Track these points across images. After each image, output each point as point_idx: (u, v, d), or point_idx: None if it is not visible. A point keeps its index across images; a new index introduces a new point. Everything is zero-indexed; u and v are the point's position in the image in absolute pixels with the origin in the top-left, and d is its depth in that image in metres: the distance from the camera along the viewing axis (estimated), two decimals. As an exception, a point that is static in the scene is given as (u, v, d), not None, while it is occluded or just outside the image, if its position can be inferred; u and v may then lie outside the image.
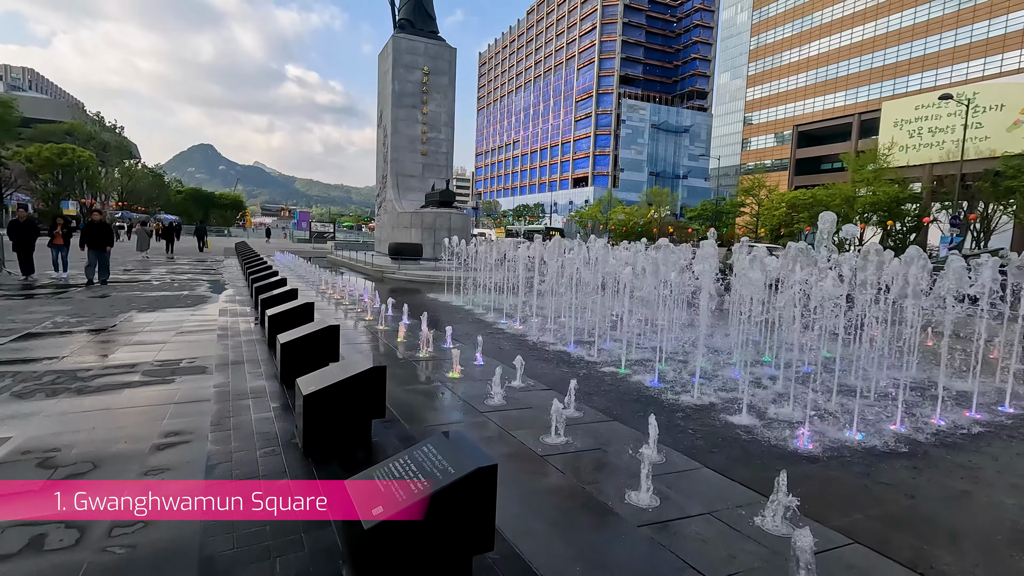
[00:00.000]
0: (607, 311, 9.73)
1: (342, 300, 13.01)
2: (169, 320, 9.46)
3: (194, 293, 13.34)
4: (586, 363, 8.07)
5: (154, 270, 19.67)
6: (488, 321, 11.60)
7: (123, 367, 6.26)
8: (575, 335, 9.72)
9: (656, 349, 8.03)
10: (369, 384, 4.22)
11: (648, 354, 8.57)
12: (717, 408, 6.08)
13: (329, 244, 51.83)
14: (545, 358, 8.45)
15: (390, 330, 9.32)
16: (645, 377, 7.18)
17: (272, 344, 7.48)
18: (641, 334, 9.50)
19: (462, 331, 9.82)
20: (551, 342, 9.45)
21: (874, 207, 43.90)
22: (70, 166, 62.94)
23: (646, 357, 8.40)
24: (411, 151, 26.87)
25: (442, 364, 7.04)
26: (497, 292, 14.28)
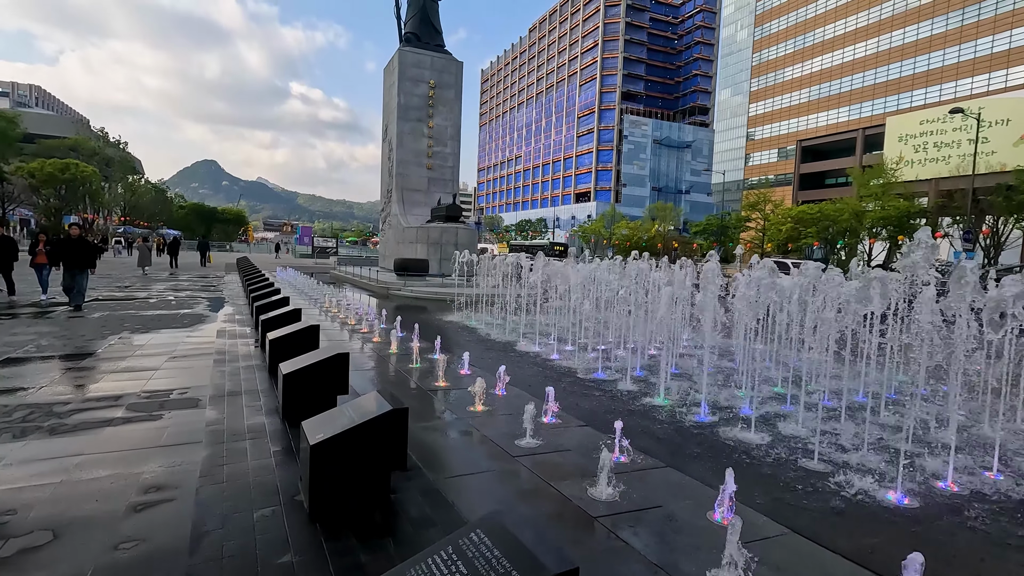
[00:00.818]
0: (635, 333, 9.06)
1: (347, 320, 12.36)
2: (163, 343, 8.80)
3: (192, 312, 12.70)
4: (619, 393, 7.38)
5: (153, 286, 19.07)
6: (505, 344, 10.91)
7: (106, 399, 5.59)
8: (603, 360, 9.05)
9: (695, 375, 7.35)
10: (388, 430, 3.56)
11: (688, 381, 7.89)
12: (779, 448, 5.38)
13: (332, 259, 51.33)
14: (575, 387, 7.77)
15: (401, 354, 8.65)
16: (689, 408, 6.48)
17: (274, 372, 6.82)
18: (685, 359, 8.81)
19: (478, 356, 9.16)
20: (578, 368, 8.77)
21: (884, 222, 43.32)
22: (73, 181, 62.78)
23: (686, 385, 7.71)
24: (417, 165, 26.43)
25: (461, 396, 6.36)
26: (511, 311, 13.62)
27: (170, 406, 5.45)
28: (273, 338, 6.94)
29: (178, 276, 24.68)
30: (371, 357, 8.61)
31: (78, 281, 12.30)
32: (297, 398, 5.18)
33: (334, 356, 5.35)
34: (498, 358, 9.47)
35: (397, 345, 8.99)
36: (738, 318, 7.36)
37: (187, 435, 4.63)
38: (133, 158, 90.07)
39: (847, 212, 46.75)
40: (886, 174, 48.34)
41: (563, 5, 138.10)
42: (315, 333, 7.17)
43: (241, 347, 8.70)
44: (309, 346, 7.11)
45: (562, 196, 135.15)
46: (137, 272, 26.32)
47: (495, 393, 6.37)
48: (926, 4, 65.93)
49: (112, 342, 8.68)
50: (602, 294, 10.34)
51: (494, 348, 10.42)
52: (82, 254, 12.43)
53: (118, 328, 10.04)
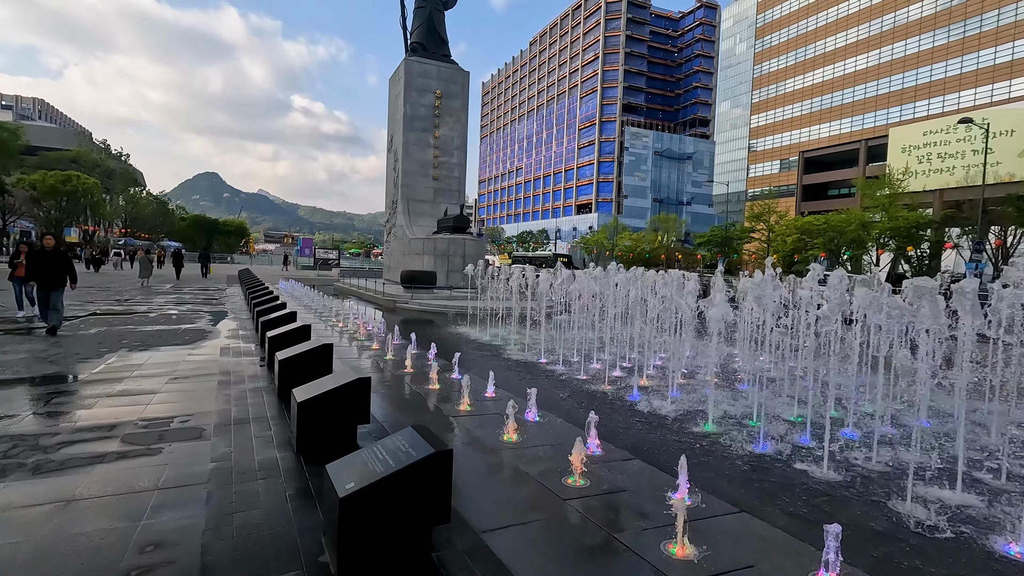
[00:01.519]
0: (671, 349, 8.49)
1: (355, 334, 11.80)
2: (163, 361, 8.24)
3: (194, 327, 12.15)
4: (660, 418, 6.81)
5: (153, 299, 18.53)
6: (527, 363, 10.30)
7: (99, 429, 5.02)
8: (636, 380, 8.48)
9: (745, 400, 6.78)
10: (430, 477, 3.00)
11: (736, 406, 7.30)
12: (860, 486, 4.80)
13: (334, 271, 50.82)
14: (609, 412, 7.19)
15: (417, 373, 8.08)
16: (742, 436, 5.90)
17: (283, 396, 6.26)
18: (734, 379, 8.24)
19: (501, 375, 8.57)
20: (609, 390, 8.18)
21: (892, 233, 42.88)
22: (74, 193, 62.57)
23: (735, 410, 7.14)
24: (422, 175, 26.02)
25: (490, 423, 5.79)
26: (528, 326, 13.06)
27: (171, 437, 4.88)
28: (283, 359, 6.39)
29: (179, 288, 24.15)
30: (385, 377, 8.03)
31: (53, 299, 10.45)
32: (313, 429, 4.62)
33: (354, 382, 4.79)
34: (523, 378, 8.91)
35: (412, 363, 8.43)
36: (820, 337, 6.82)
37: (190, 474, 4.06)
38: (135, 170, 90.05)
39: (854, 223, 46.35)
40: (892, 185, 48.01)
41: (564, 19, 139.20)
42: (328, 353, 6.62)
43: (247, 366, 8.14)
44: (321, 367, 6.56)
45: (563, 207, 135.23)
46: (138, 284, 25.79)
47: (527, 419, 5.80)
48: (927, 17, 66.19)
49: (108, 361, 8.12)
50: (632, 307, 9.78)
51: (516, 367, 9.84)
52: (58, 268, 10.61)
53: (115, 345, 9.48)
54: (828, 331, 5.94)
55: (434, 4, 27.04)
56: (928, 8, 66.04)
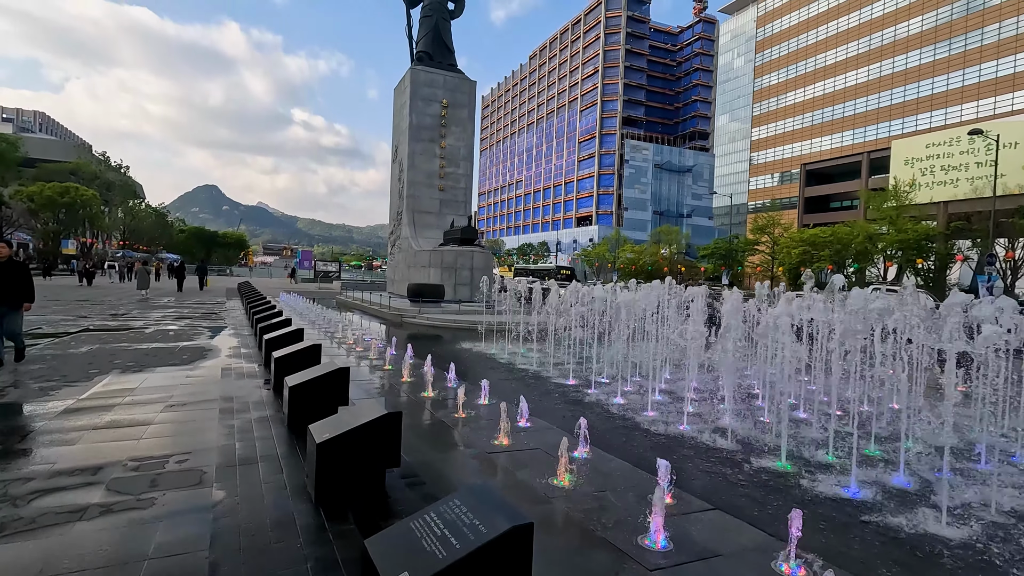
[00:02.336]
0: (725, 372, 7.76)
1: (366, 352, 11.06)
2: (158, 385, 7.48)
3: (192, 344, 11.39)
4: (725, 455, 6.04)
5: (151, 313, 17.77)
6: (559, 387, 9.44)
7: (82, 473, 4.27)
8: (678, 404, 7.73)
9: (808, 428, 6.04)
10: (507, 559, 2.27)
11: (804, 437, 6.55)
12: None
13: (335, 284, 50.06)
14: (666, 448, 6.44)
15: (438, 400, 7.34)
16: (828, 478, 5.13)
17: (294, 429, 5.52)
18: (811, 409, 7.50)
19: (534, 402, 7.85)
20: (657, 419, 7.41)
21: (900, 245, 42.37)
22: (72, 205, 61.97)
23: (808, 436, 6.38)
24: (428, 186, 25.42)
25: (525, 459, 5.05)
26: (551, 344, 12.31)
27: (166, 483, 4.13)
28: (293, 385, 5.65)
29: (178, 302, 23.39)
30: (404, 402, 7.28)
31: (8, 322, 8.47)
32: (335, 475, 3.88)
33: (383, 418, 4.05)
34: (556, 405, 8.15)
35: (433, 388, 7.67)
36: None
37: (188, 538, 3.30)
38: (134, 182, 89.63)
39: (861, 235, 45.87)
40: (898, 197, 47.64)
41: (563, 33, 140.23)
42: (344, 378, 5.89)
43: (251, 390, 7.39)
44: (336, 394, 5.83)
45: (563, 220, 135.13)
46: (135, 298, 25.04)
47: (579, 456, 5.05)
48: (927, 30, 66.45)
49: (98, 385, 7.36)
50: (676, 325, 9.04)
51: (549, 392, 9.02)
52: (12, 284, 8.46)
53: (107, 366, 8.72)
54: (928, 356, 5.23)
55: (440, 13, 26.67)
56: (928, 22, 66.33)
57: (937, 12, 65.50)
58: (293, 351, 7.44)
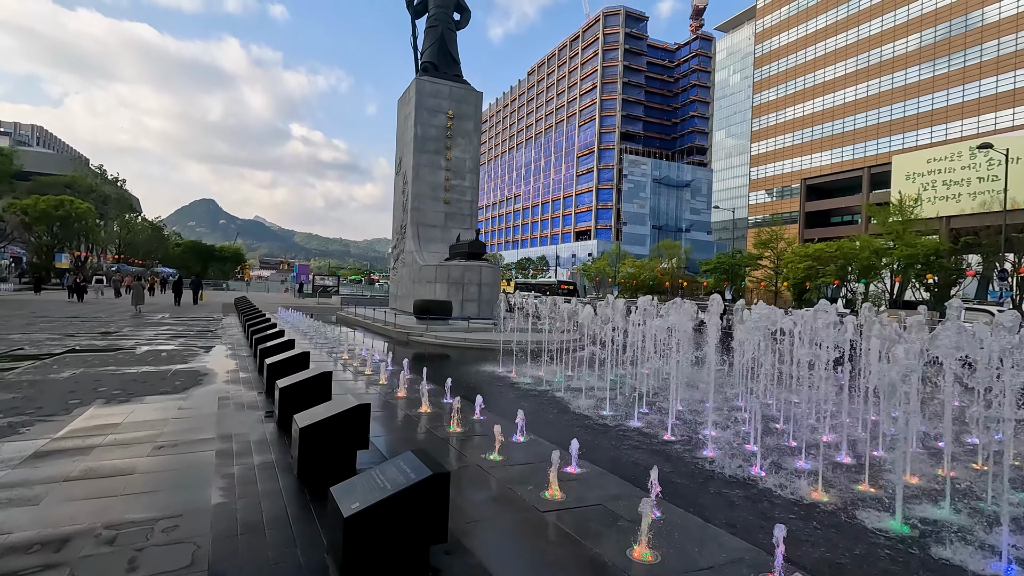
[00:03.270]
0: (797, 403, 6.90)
1: (375, 375, 10.15)
2: (146, 419, 6.57)
3: (186, 368, 10.47)
4: (821, 511, 5.13)
5: (143, 331, 16.83)
6: (604, 423, 8.31)
7: (43, 549, 3.37)
8: (740, 439, 6.84)
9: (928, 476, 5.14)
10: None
11: (925, 485, 5.65)
12: None
13: (334, 299, 49.08)
14: (735, 495, 5.56)
15: (464, 433, 6.45)
16: (965, 549, 4.23)
17: (305, 477, 4.63)
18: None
19: (569, 435, 6.96)
20: (716, 457, 6.51)
21: (909, 259, 41.80)
22: (67, 218, 61.03)
23: (923, 486, 5.48)
24: (433, 199, 24.69)
25: (588, 518, 4.17)
26: (570, 365, 11.44)
27: (147, 564, 3.23)
28: (305, 427, 4.76)
29: (172, 318, 22.43)
30: (426, 441, 6.37)
31: None
32: (369, 556, 3.00)
33: (428, 480, 3.19)
34: (599, 441, 7.23)
35: (459, 422, 6.77)
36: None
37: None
38: (131, 196, 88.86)
39: (867, 250, 45.34)
40: (903, 211, 47.24)
41: (561, 50, 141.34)
42: (363, 417, 5.01)
43: (252, 425, 6.48)
44: (355, 436, 4.96)
45: (561, 234, 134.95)
46: (127, 313, 24.09)
47: (652, 513, 4.16)
48: (926, 47, 66.81)
49: (77, 420, 6.44)
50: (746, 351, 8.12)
51: (589, 426, 8.05)
52: None
53: (90, 394, 7.81)
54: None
55: (446, 24, 26.18)
56: (927, 38, 66.72)
57: (936, 28, 65.93)
58: (300, 380, 6.56)
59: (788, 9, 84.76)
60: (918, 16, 67.78)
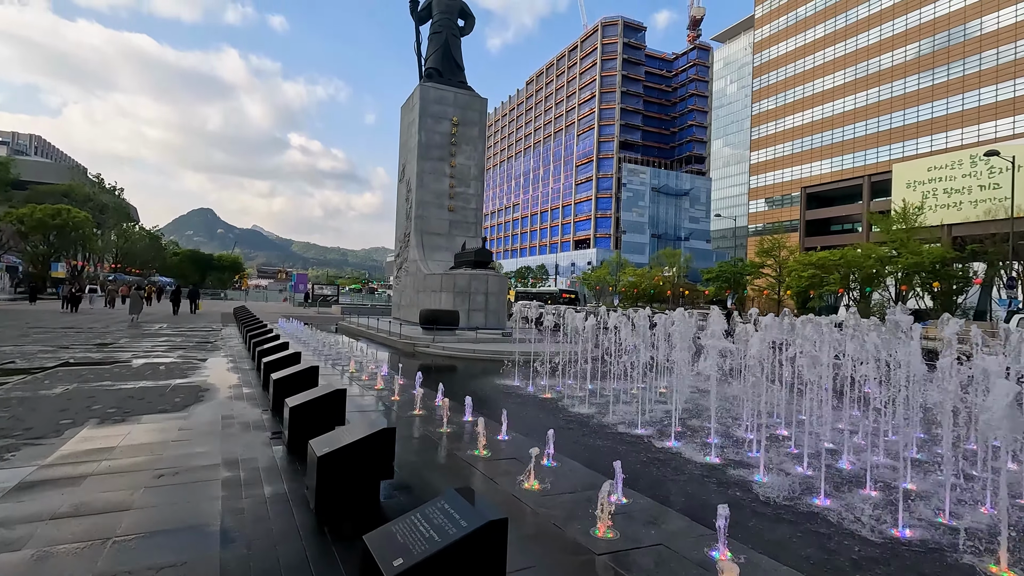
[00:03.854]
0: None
1: (389, 390, 9.62)
2: (143, 442, 6.02)
3: (186, 383, 9.92)
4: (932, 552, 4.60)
5: (141, 343, 16.26)
6: (659, 451, 7.73)
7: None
8: (821, 471, 6.31)
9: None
10: None
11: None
12: None
13: (334, 308, 48.44)
14: (819, 534, 5.03)
15: (491, 458, 5.92)
16: None
17: (324, 515, 4.10)
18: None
19: (611, 462, 6.45)
20: (829, 508, 5.93)
21: (915, 267, 41.44)
22: (64, 227, 60.41)
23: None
24: (438, 207, 24.24)
25: (649, 562, 3.64)
26: (597, 379, 10.88)
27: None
28: (323, 455, 4.23)
29: (170, 329, 21.84)
30: (445, 465, 5.84)
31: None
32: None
33: (484, 529, 2.67)
34: (635, 462, 6.68)
35: (486, 445, 6.24)
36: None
37: None
38: (128, 205, 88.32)
39: (872, 258, 44.99)
40: (906, 219, 46.99)
41: (560, 59, 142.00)
42: (389, 444, 4.49)
43: (259, 448, 5.94)
44: (378, 465, 4.43)
45: (560, 243, 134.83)
46: (124, 324, 23.50)
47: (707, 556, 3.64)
48: (925, 56, 67.05)
49: (68, 444, 5.90)
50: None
51: (624, 447, 7.54)
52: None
53: (82, 413, 7.26)
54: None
55: (450, 30, 25.89)
56: (926, 48, 66.99)
57: (934, 38, 66.22)
58: (312, 400, 6.03)
59: (787, 19, 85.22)
60: (916, 26, 68.12)
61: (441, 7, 25.83)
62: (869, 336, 5.93)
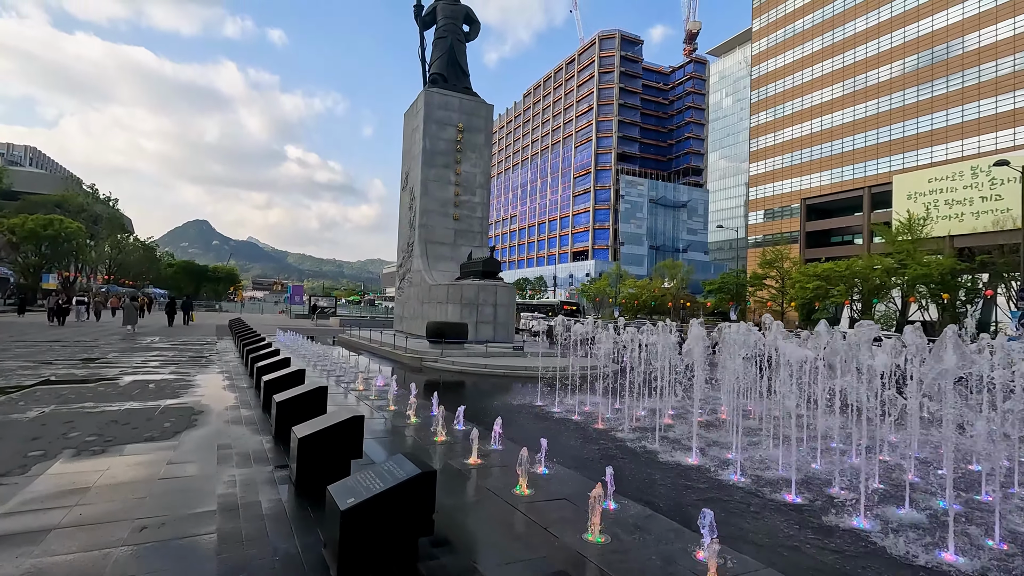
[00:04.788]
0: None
1: (397, 409, 8.71)
2: (124, 480, 5.09)
3: (177, 404, 8.98)
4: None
5: (130, 357, 15.27)
6: (691, 469, 7.10)
7: None
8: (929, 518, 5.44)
9: None
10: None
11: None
12: None
13: (332, 320, 47.39)
14: None
15: (534, 499, 5.03)
16: None
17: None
18: None
19: (689, 501, 5.57)
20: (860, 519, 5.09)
21: (924, 279, 40.86)
22: (56, 237, 59.33)
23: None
24: (442, 215, 23.44)
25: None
26: (620, 397, 10.00)
27: None
28: (350, 508, 3.34)
29: (163, 341, 20.83)
30: (471, 501, 4.94)
31: None
32: None
33: None
34: (696, 499, 5.81)
35: (529, 483, 5.34)
36: None
37: None
38: (123, 216, 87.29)
39: (879, 270, 44.44)
40: (912, 230, 46.55)
41: (557, 72, 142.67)
42: (429, 491, 3.60)
43: (261, 487, 5.02)
44: (419, 520, 3.54)
45: (559, 255, 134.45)
46: (114, 336, 22.48)
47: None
48: (923, 68, 67.26)
49: (34, 483, 4.96)
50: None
51: (680, 480, 6.69)
52: None
53: (57, 442, 6.31)
54: None
55: (455, 35, 25.31)
56: (924, 60, 67.22)
57: (932, 51, 66.47)
58: (324, 429, 5.13)
59: (784, 32, 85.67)
60: (914, 39, 68.41)
61: (446, 12, 25.28)
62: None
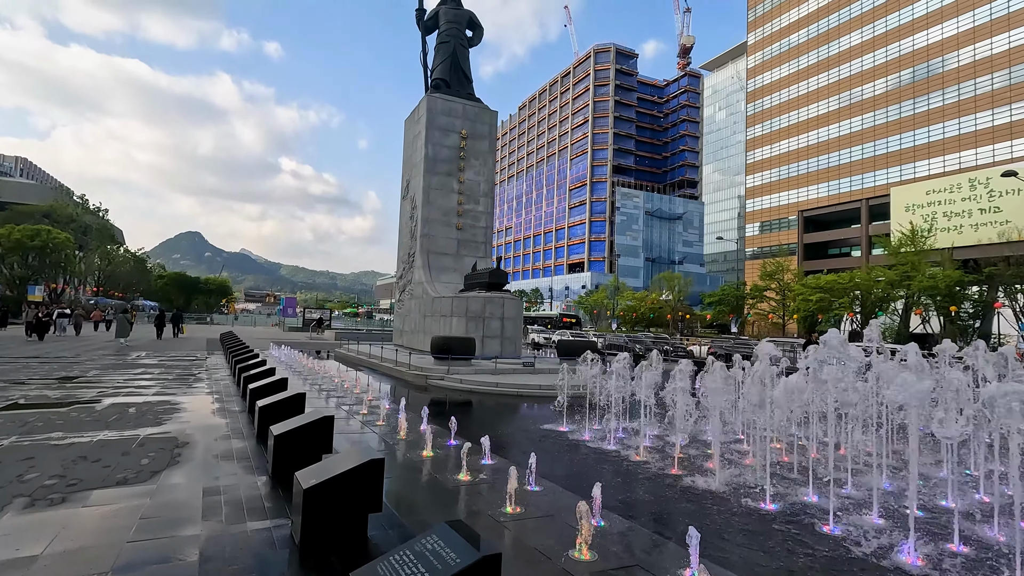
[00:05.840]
0: None
1: (414, 441, 7.69)
2: (82, 545, 4.04)
3: (159, 433, 7.92)
4: None
5: (112, 375, 14.12)
6: (762, 514, 6.11)
7: None
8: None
9: None
10: None
11: None
12: None
13: (326, 334, 46.14)
14: None
15: (596, 566, 4.04)
16: None
17: None
18: None
19: (755, 553, 4.58)
20: None
21: (930, 291, 40.31)
22: (43, 248, 57.88)
23: None
24: (445, 225, 22.53)
25: None
26: (658, 422, 9.01)
27: None
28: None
29: (150, 355, 19.65)
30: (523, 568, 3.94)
31: None
32: None
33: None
34: (761, 545, 4.82)
35: (589, 550, 4.34)
36: None
37: None
38: (113, 227, 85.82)
39: (883, 282, 43.91)
40: (915, 242, 46.16)
41: (552, 85, 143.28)
42: (496, 568, 2.61)
43: (259, 544, 3.99)
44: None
45: (554, 267, 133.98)
46: (100, 351, 21.27)
47: None
48: (919, 81, 67.58)
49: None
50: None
51: (755, 524, 5.72)
52: None
53: (8, 487, 5.24)
54: None
55: (458, 40, 24.62)
56: (920, 73, 67.56)
57: (928, 64, 66.84)
58: (336, 477, 4.12)
59: (779, 45, 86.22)
60: (909, 52, 68.82)
61: (448, 17, 24.62)
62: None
